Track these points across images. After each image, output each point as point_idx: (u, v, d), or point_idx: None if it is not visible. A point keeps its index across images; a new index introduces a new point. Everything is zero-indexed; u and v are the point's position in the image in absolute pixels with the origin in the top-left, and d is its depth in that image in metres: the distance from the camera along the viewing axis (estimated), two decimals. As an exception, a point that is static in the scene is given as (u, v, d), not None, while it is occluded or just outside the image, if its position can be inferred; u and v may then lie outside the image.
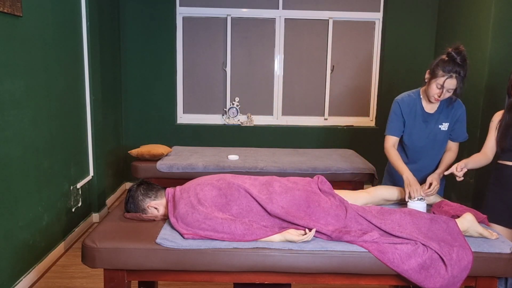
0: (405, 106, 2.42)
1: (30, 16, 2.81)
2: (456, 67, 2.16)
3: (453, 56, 2.17)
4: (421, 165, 2.46)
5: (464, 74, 2.17)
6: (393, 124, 2.45)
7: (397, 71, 4.86)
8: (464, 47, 2.20)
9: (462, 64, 2.17)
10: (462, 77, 2.18)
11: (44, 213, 3.03)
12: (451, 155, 2.42)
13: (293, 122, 5.08)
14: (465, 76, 2.18)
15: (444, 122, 2.38)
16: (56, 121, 3.20)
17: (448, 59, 2.19)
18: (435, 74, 2.21)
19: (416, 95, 2.43)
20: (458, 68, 2.16)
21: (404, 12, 4.79)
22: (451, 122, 2.38)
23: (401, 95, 2.48)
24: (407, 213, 1.95)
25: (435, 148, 2.43)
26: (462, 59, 2.17)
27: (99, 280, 2.91)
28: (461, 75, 2.17)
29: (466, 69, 2.18)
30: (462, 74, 2.17)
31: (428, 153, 2.44)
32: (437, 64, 2.21)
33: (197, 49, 4.95)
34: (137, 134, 4.94)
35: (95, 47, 3.86)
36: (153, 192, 2.07)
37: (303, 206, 1.95)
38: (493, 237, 1.87)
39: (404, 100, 2.43)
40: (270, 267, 1.77)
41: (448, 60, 2.18)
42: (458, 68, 2.16)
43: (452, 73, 2.17)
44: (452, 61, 2.17)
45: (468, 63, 2.19)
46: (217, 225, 1.81)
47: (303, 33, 4.95)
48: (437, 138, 2.41)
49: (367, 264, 1.76)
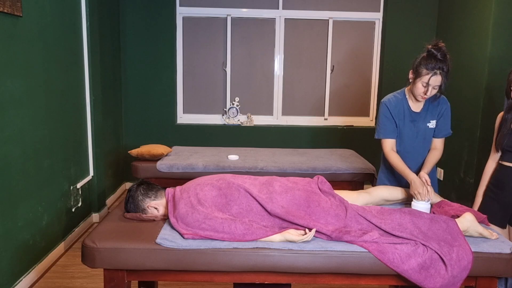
0: (393, 107, 2.41)
1: (30, 16, 2.81)
2: (439, 63, 2.18)
3: (434, 53, 2.19)
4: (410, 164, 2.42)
5: (447, 69, 2.19)
6: (386, 126, 2.42)
7: (397, 71, 4.86)
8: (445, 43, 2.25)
9: (444, 60, 2.18)
10: (446, 72, 2.19)
11: (44, 213, 3.03)
12: (436, 154, 2.38)
13: (293, 122, 5.08)
14: (448, 71, 2.20)
15: (431, 120, 2.39)
16: (56, 121, 3.20)
17: (429, 57, 2.20)
18: (419, 73, 2.22)
19: (402, 95, 2.43)
20: (441, 64, 2.18)
21: (404, 12, 4.79)
22: (437, 119, 2.40)
23: (387, 96, 2.47)
24: (407, 212, 1.95)
25: (425, 146, 2.43)
26: (443, 55, 2.18)
27: (99, 280, 2.91)
28: (445, 70, 2.19)
29: (448, 64, 2.20)
30: (445, 69, 2.19)
31: (418, 152, 2.44)
32: (419, 63, 2.22)
33: (197, 49, 4.95)
34: (137, 134, 4.94)
35: (95, 47, 3.86)
36: (153, 192, 2.07)
37: (303, 206, 1.95)
38: (493, 237, 1.87)
39: (391, 101, 2.42)
40: (270, 267, 1.77)
41: (429, 58, 2.20)
42: (440, 64, 2.18)
43: (436, 70, 2.18)
44: (434, 58, 2.19)
45: (448, 58, 2.21)
46: (217, 225, 1.81)
47: (303, 33, 4.95)
48: (426, 136, 2.41)
49: (367, 264, 1.76)
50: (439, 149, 2.40)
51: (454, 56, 4.36)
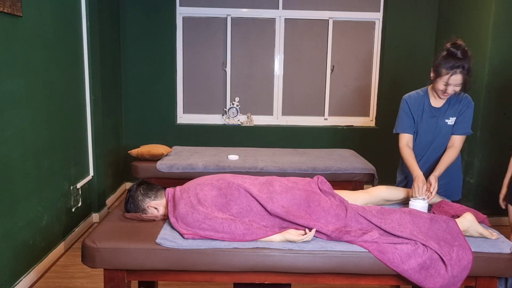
0: (412, 103, 2.42)
1: (30, 16, 2.81)
2: (458, 61, 2.15)
3: (453, 52, 2.17)
4: (427, 158, 2.44)
5: (468, 67, 2.16)
6: (404, 121, 2.43)
7: (397, 71, 4.86)
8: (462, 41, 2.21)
9: (463, 58, 2.16)
10: (467, 70, 2.16)
11: (44, 213, 3.03)
12: (451, 153, 2.33)
13: (293, 122, 5.08)
14: (470, 68, 2.17)
15: (451, 117, 2.35)
16: (56, 121, 3.20)
17: (448, 55, 2.18)
18: (439, 73, 2.21)
19: (424, 92, 2.43)
20: (460, 62, 2.15)
21: (404, 12, 4.78)
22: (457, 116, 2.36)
23: (409, 93, 2.49)
24: (407, 212, 1.95)
25: (443, 142, 2.39)
26: (463, 53, 2.16)
27: (99, 280, 2.91)
28: (465, 68, 2.16)
29: (469, 61, 2.17)
30: (466, 67, 2.16)
31: (434, 147, 2.42)
32: (439, 62, 2.20)
33: (197, 49, 4.95)
34: (137, 134, 4.94)
35: (95, 47, 3.86)
36: (153, 192, 2.07)
37: (304, 206, 1.95)
38: (493, 237, 1.87)
39: (412, 97, 2.44)
40: (270, 267, 1.77)
41: (448, 57, 2.18)
42: (460, 63, 2.15)
43: (455, 69, 2.16)
44: (453, 56, 2.17)
45: (470, 54, 2.18)
46: (217, 225, 1.81)
47: (303, 33, 4.95)
48: (442, 132, 2.38)
49: (367, 264, 1.76)
50: (456, 147, 2.34)
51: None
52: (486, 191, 4.04)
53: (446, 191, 2.43)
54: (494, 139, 3.94)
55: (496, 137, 3.94)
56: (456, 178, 2.49)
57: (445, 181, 2.43)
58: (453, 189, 2.48)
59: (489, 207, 4.08)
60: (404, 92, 2.58)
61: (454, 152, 2.33)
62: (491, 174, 4.01)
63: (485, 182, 4.02)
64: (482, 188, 4.05)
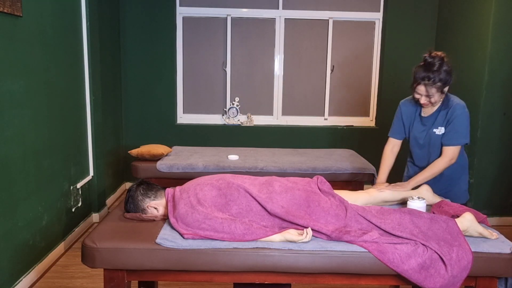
0: (405, 109, 2.45)
1: (30, 16, 2.81)
2: (425, 73, 2.17)
3: (423, 63, 2.20)
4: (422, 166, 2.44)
5: (437, 80, 2.15)
6: (394, 126, 2.52)
7: (397, 71, 4.86)
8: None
9: (430, 70, 2.16)
10: (433, 82, 2.16)
11: (44, 213, 3.03)
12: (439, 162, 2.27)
13: (293, 122, 5.08)
14: (438, 81, 2.16)
15: (439, 126, 2.33)
16: (56, 121, 3.20)
17: (420, 66, 2.21)
18: (413, 80, 2.25)
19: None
20: (428, 73, 2.16)
21: (404, 12, 4.78)
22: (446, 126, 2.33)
23: (407, 98, 2.50)
24: (407, 212, 1.95)
25: (434, 151, 2.38)
26: (431, 65, 2.16)
27: (99, 280, 2.91)
28: (430, 81, 2.16)
29: (438, 74, 2.15)
30: (432, 80, 2.16)
31: (429, 156, 2.42)
32: (414, 70, 2.24)
33: (197, 49, 4.95)
34: (137, 134, 4.94)
35: (95, 47, 3.86)
36: (153, 192, 2.07)
37: (303, 206, 1.95)
38: (493, 237, 1.87)
39: (406, 103, 2.46)
40: (270, 267, 1.77)
41: (419, 67, 2.21)
42: (427, 74, 2.16)
43: (420, 80, 2.19)
44: (422, 67, 2.19)
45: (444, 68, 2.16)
46: (217, 225, 1.81)
47: (303, 33, 4.95)
48: (432, 142, 2.37)
49: (367, 264, 1.76)
50: (446, 156, 2.27)
51: (454, 56, 4.37)
52: (486, 191, 4.04)
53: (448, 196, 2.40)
54: (494, 139, 3.94)
55: (496, 137, 3.94)
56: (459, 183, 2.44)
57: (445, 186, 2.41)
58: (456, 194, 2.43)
59: (489, 207, 4.09)
60: (404, 92, 2.59)
61: (440, 162, 2.28)
62: (491, 174, 4.02)
63: (485, 182, 4.02)
64: (482, 188, 4.05)
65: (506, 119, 3.92)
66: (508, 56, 3.80)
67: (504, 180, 4.05)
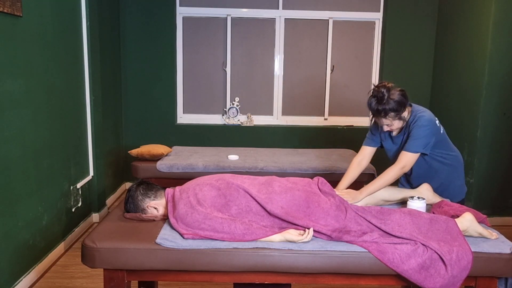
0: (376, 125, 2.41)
1: (30, 16, 2.81)
2: (375, 106, 2.17)
3: (373, 95, 2.19)
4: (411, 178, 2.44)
5: (386, 112, 2.16)
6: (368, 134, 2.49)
7: (397, 71, 4.86)
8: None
9: (380, 103, 2.15)
10: (385, 115, 2.17)
11: (44, 213, 3.03)
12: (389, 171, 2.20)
13: (293, 122, 5.08)
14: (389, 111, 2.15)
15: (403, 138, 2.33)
16: (56, 121, 3.20)
17: (370, 97, 2.20)
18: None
19: None
20: (377, 107, 2.17)
21: (404, 12, 4.78)
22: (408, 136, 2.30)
23: None
24: (407, 213, 1.95)
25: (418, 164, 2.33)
26: (379, 99, 2.16)
27: (99, 280, 2.91)
28: (382, 114, 2.17)
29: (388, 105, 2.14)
30: (383, 113, 2.16)
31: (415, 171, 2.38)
32: (367, 101, 2.23)
33: (197, 49, 4.95)
34: (137, 134, 4.94)
35: (95, 47, 3.86)
36: (153, 192, 2.07)
37: (303, 206, 1.95)
38: (493, 237, 1.87)
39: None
40: (270, 267, 1.77)
41: (370, 98, 2.20)
42: (376, 108, 2.17)
43: (377, 114, 2.20)
44: (373, 100, 2.19)
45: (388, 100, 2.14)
46: (217, 225, 1.81)
47: (303, 33, 4.95)
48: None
49: (367, 264, 1.76)
50: (398, 162, 2.21)
51: (454, 56, 4.38)
52: (486, 191, 4.04)
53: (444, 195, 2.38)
54: (494, 139, 3.94)
55: (496, 137, 3.94)
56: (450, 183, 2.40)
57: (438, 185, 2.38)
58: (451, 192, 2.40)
59: (489, 207, 4.09)
60: None
61: (390, 169, 2.22)
62: (491, 174, 4.02)
63: (485, 182, 4.02)
64: (482, 188, 4.05)
65: (506, 119, 3.92)
66: (508, 56, 3.80)
67: (504, 180, 4.05)
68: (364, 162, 2.47)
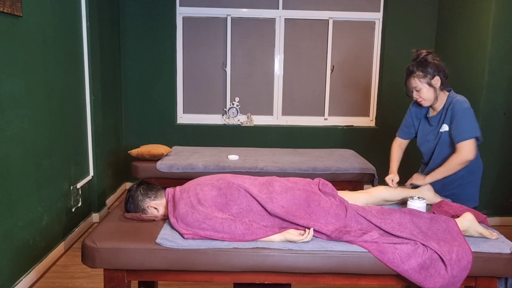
0: (414, 109, 2.51)
1: (30, 16, 2.81)
2: (411, 67, 2.30)
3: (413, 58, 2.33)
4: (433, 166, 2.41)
5: (413, 70, 2.28)
6: (402, 125, 2.59)
7: (397, 71, 4.86)
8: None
9: (414, 64, 2.29)
10: (413, 73, 2.28)
11: (44, 213, 3.03)
12: (453, 158, 2.23)
13: (293, 122, 5.08)
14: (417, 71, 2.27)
15: (444, 124, 2.34)
16: (56, 121, 3.20)
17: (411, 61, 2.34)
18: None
19: None
20: (412, 67, 2.29)
21: (404, 12, 4.79)
22: (449, 123, 2.33)
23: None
24: (407, 212, 1.95)
25: (444, 150, 2.36)
26: (414, 58, 2.31)
27: (99, 280, 2.91)
28: (411, 72, 2.28)
29: (419, 65, 2.27)
30: (412, 70, 2.28)
31: (438, 155, 2.40)
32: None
33: (197, 49, 4.95)
34: (137, 134, 4.94)
35: (95, 47, 3.86)
36: (153, 192, 2.07)
37: (304, 206, 1.95)
38: (493, 237, 1.87)
39: (416, 104, 2.49)
40: (270, 267, 1.77)
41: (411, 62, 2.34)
42: (412, 68, 2.29)
43: (407, 75, 2.32)
44: (411, 62, 2.33)
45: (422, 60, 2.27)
46: (217, 225, 1.81)
47: (303, 33, 4.95)
48: (442, 140, 2.36)
49: (367, 264, 1.76)
50: (458, 152, 2.22)
51: (454, 56, 4.38)
52: (486, 191, 4.04)
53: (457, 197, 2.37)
54: (494, 139, 3.94)
55: (496, 137, 3.94)
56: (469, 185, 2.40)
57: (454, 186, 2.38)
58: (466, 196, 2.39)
59: (489, 207, 4.09)
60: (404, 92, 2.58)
61: (453, 158, 2.24)
62: (491, 174, 4.02)
63: (485, 182, 4.02)
64: (482, 188, 4.04)
65: (506, 119, 3.92)
66: (508, 56, 3.80)
67: (504, 180, 4.05)
68: (403, 146, 2.59)
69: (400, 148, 2.58)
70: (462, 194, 2.40)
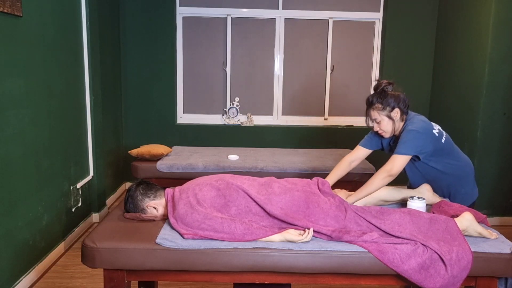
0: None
1: (30, 16, 2.81)
2: (369, 98, 2.24)
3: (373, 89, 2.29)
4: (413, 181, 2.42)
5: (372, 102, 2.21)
6: (368, 137, 2.45)
7: (397, 71, 4.86)
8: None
9: (374, 95, 2.23)
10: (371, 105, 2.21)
11: (44, 213, 3.03)
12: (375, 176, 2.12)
13: (293, 122, 5.08)
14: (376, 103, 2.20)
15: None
16: (56, 121, 3.20)
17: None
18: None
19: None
20: (370, 98, 2.23)
21: (404, 12, 4.78)
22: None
23: None
24: (407, 213, 1.95)
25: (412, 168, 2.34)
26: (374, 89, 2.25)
27: (99, 280, 2.91)
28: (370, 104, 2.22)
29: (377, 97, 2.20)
30: (371, 102, 2.22)
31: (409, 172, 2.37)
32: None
33: (197, 49, 4.95)
34: (137, 134, 4.94)
35: (95, 47, 3.86)
36: (152, 192, 2.07)
37: (303, 207, 1.95)
38: (492, 237, 1.87)
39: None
40: (270, 267, 1.77)
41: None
42: (370, 99, 2.23)
43: (367, 105, 2.26)
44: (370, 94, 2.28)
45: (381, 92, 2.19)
46: (217, 225, 1.81)
47: (303, 33, 4.95)
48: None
49: (367, 264, 1.76)
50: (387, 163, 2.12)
51: (454, 56, 4.38)
52: (486, 191, 4.04)
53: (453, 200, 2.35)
54: (494, 139, 3.94)
55: (496, 137, 3.94)
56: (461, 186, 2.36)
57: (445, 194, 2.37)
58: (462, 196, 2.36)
59: (489, 207, 4.09)
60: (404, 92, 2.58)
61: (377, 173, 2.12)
62: (491, 174, 4.02)
63: (485, 182, 4.02)
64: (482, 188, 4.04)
65: (506, 119, 3.92)
66: (508, 56, 3.80)
67: (504, 180, 4.05)
68: (355, 164, 2.42)
69: (349, 166, 2.39)
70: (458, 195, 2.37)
